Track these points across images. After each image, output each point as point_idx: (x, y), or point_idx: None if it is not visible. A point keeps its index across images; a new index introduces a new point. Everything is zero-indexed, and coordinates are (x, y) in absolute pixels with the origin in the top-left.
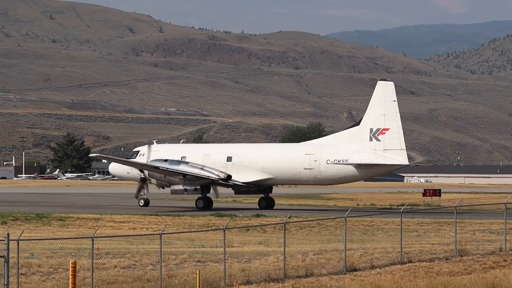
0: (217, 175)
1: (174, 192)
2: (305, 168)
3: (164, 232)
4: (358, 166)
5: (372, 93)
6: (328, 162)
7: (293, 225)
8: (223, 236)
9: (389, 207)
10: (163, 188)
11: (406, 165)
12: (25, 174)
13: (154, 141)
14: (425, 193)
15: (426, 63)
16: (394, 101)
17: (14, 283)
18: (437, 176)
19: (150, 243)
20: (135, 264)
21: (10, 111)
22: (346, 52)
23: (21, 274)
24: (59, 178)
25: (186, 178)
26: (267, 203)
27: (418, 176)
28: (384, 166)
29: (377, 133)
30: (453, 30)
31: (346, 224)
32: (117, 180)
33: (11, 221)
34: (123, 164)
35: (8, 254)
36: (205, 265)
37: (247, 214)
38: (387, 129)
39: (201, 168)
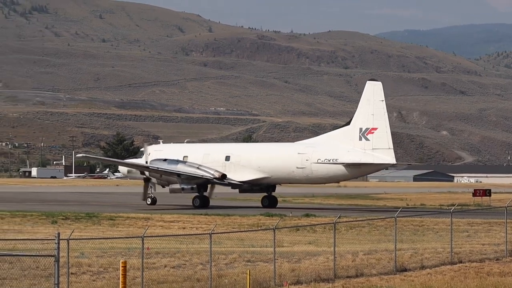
0: (212, 174)
1: (172, 191)
2: (297, 167)
3: (214, 232)
4: (347, 165)
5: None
6: (319, 161)
7: (343, 225)
8: (273, 235)
9: (439, 207)
10: (163, 187)
11: (394, 164)
12: (74, 173)
13: (160, 140)
14: (475, 193)
15: (476, 62)
16: (382, 101)
17: (64, 283)
18: (487, 176)
19: (200, 242)
20: (185, 264)
21: (60, 110)
22: (396, 51)
23: (71, 273)
24: (108, 178)
25: (182, 177)
26: (270, 202)
27: (468, 176)
28: (372, 165)
29: (366, 133)
30: (503, 30)
31: (396, 224)
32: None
33: (61, 220)
34: (118, 165)
35: (58, 253)
36: (255, 265)
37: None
38: (376, 129)
39: (197, 168)
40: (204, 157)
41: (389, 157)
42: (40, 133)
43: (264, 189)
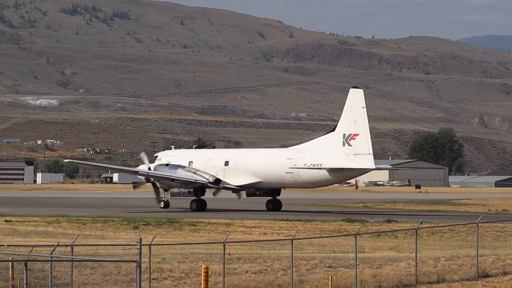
0: (207, 179)
1: (172, 194)
2: (286, 172)
3: (295, 238)
4: (330, 170)
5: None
6: (305, 166)
7: (424, 231)
8: (355, 241)
9: None
10: (166, 190)
11: (373, 169)
12: None
13: (172, 147)
14: None
15: None
16: (363, 107)
17: None
18: None
19: (281, 248)
20: (266, 269)
21: (141, 116)
22: (478, 57)
23: (153, 278)
24: None
25: (178, 182)
26: (274, 205)
27: None
28: (354, 170)
29: (349, 138)
30: None
31: (478, 230)
32: None
33: (142, 226)
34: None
35: (140, 258)
36: (336, 270)
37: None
38: (357, 135)
39: (194, 173)
40: (206, 162)
41: (369, 162)
42: (122, 139)
43: (269, 193)
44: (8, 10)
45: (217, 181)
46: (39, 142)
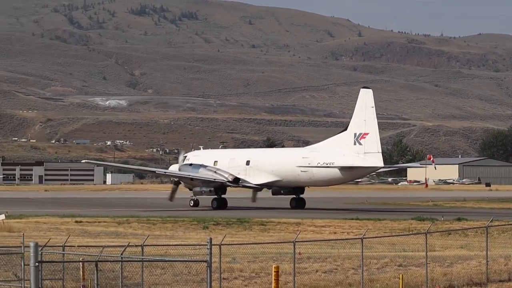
0: (226, 178)
1: (195, 193)
2: (301, 171)
3: (365, 237)
4: (341, 168)
5: None
6: (318, 165)
7: (495, 229)
8: (425, 240)
9: None
10: (190, 190)
11: (382, 167)
12: None
13: (201, 147)
14: None
15: None
16: (372, 107)
17: (216, 287)
18: None
19: (351, 247)
20: (336, 269)
21: (210, 116)
22: None
23: (223, 278)
24: None
25: (199, 181)
26: (297, 203)
27: None
28: (364, 168)
29: (359, 137)
30: None
31: None
32: None
33: (212, 226)
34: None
35: (210, 258)
36: (407, 269)
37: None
38: (367, 134)
39: (215, 172)
40: (230, 161)
41: (378, 160)
42: (191, 139)
43: (292, 192)
44: (76, 12)
45: (236, 180)
46: (109, 143)
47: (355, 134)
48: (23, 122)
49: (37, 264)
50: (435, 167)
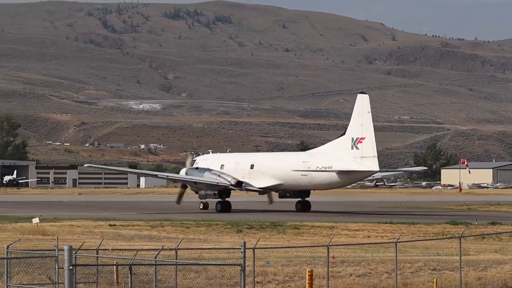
0: (229, 181)
1: (200, 196)
2: (302, 175)
3: (399, 241)
4: (339, 172)
5: None
6: (317, 169)
7: None
8: (459, 244)
9: None
10: (196, 193)
11: (377, 171)
12: None
13: (210, 151)
14: None
15: None
16: (369, 112)
17: None
18: None
19: (385, 251)
20: (370, 272)
21: (244, 120)
22: None
23: (257, 282)
24: None
25: (203, 184)
26: (303, 206)
27: None
28: (360, 172)
29: (357, 142)
30: None
31: None
32: (350, 188)
33: (246, 229)
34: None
35: (244, 262)
36: (441, 273)
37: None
38: (364, 138)
39: (219, 175)
40: (235, 165)
41: (374, 165)
42: (224, 143)
43: (298, 195)
44: (110, 15)
45: (239, 183)
46: (142, 146)
47: (352, 139)
48: (57, 126)
49: (71, 267)
50: (469, 171)
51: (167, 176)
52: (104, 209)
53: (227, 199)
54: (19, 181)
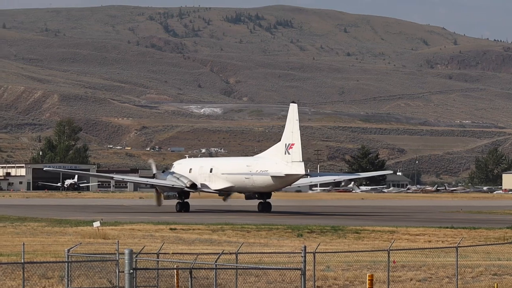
0: (185, 184)
1: (165, 197)
2: (246, 178)
3: (460, 245)
4: (273, 176)
5: None
6: (257, 173)
7: None
8: None
9: None
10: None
11: (303, 175)
12: (319, 187)
13: (186, 155)
14: None
15: None
16: (297, 120)
17: None
18: None
19: (445, 256)
20: (430, 277)
21: (305, 124)
22: None
23: (317, 286)
24: (353, 191)
25: (163, 187)
26: (263, 207)
27: None
28: (290, 175)
29: (288, 148)
30: None
31: None
32: (412, 193)
33: (306, 233)
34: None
35: (304, 266)
36: (502, 278)
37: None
38: (293, 144)
39: (178, 178)
40: (199, 169)
41: (300, 168)
42: None
43: (260, 196)
44: (172, 20)
45: (193, 185)
46: (203, 150)
47: (285, 145)
48: (118, 130)
49: (131, 271)
50: None
51: (128, 180)
52: (164, 213)
53: (186, 200)
54: (80, 185)
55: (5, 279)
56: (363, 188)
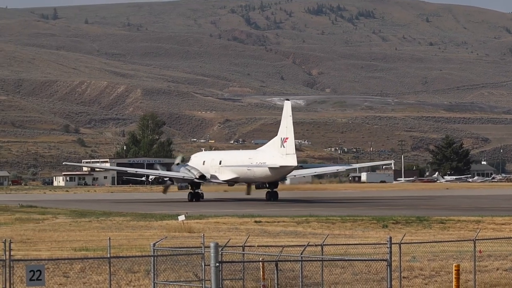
0: (195, 175)
1: (179, 188)
2: (247, 169)
3: None
4: (270, 167)
5: None
6: (256, 165)
7: None
8: None
9: None
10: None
11: (295, 166)
12: (404, 177)
13: (203, 149)
14: None
15: None
16: (290, 116)
17: (396, 287)
18: None
19: None
20: None
21: (389, 114)
22: None
23: (403, 277)
24: (438, 181)
25: (175, 179)
26: (271, 196)
27: None
28: (285, 167)
29: (283, 141)
30: None
31: None
32: (497, 182)
33: (391, 224)
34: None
35: (390, 257)
36: None
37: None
38: (288, 138)
39: (189, 170)
40: (211, 161)
41: (293, 160)
42: (369, 138)
43: (267, 186)
44: (254, 12)
45: (202, 176)
46: None
47: (281, 138)
48: (201, 123)
49: (217, 264)
50: None
51: (149, 173)
52: (249, 206)
53: (197, 190)
54: (165, 179)
55: (91, 273)
56: (447, 178)
